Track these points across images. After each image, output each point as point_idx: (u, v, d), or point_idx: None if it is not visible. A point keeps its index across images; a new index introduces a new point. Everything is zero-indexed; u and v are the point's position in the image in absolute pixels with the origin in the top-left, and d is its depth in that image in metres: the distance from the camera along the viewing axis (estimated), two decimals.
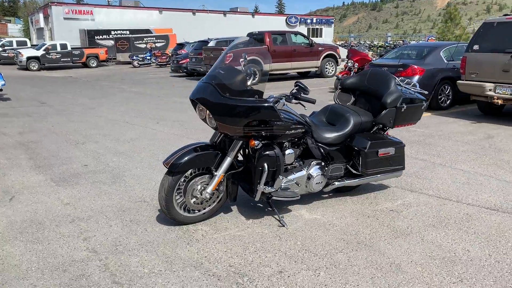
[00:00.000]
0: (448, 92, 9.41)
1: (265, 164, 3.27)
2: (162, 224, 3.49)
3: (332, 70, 17.46)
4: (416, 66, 9.12)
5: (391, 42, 60.05)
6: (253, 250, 3.06)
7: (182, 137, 6.69)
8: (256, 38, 16.41)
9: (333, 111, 4.03)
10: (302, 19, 45.75)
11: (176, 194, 3.32)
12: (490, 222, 3.54)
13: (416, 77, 9.02)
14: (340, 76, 12.40)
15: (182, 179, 3.31)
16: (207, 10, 42.06)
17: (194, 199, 3.40)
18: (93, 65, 26.31)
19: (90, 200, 4.04)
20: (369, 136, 3.86)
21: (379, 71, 4.19)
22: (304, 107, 3.51)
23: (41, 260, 2.90)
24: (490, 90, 7.72)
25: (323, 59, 17.12)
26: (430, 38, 50.06)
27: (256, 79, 3.37)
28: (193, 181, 3.35)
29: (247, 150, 3.52)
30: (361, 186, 4.30)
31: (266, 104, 3.13)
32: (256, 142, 3.28)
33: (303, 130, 3.51)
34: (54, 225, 3.48)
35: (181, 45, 23.60)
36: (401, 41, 61.07)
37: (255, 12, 51.90)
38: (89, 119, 8.43)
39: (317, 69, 17.18)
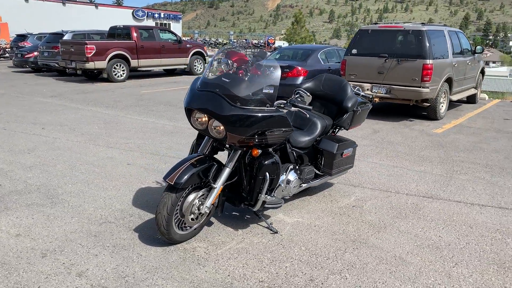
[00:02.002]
0: None
1: (267, 173, 3.23)
2: (153, 246, 3.17)
3: (201, 68, 17.51)
4: (300, 68, 9.80)
5: (234, 41, 62.57)
6: (268, 261, 3.02)
7: (88, 144, 6.05)
8: (121, 32, 15.51)
9: (299, 116, 4.15)
10: (150, 13, 44.52)
11: (176, 212, 3.05)
12: (435, 209, 4.12)
13: (301, 78, 9.72)
14: None
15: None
16: None
17: (192, 216, 3.17)
18: None
19: (44, 228, 3.42)
20: (333, 138, 4.10)
21: (333, 77, 4.45)
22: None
23: None
24: (367, 89, 8.79)
25: (191, 56, 17.04)
26: (270, 39, 53.77)
27: None
28: (190, 196, 3.12)
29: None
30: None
31: (280, 113, 3.09)
32: (259, 151, 3.21)
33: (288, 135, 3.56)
34: (25, 263, 2.86)
35: (23, 37, 20.81)
36: (243, 40, 64.18)
37: (91, 2, 48.33)
38: None
39: (186, 66, 17.03)
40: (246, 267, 2.93)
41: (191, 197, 3.12)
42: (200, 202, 3.18)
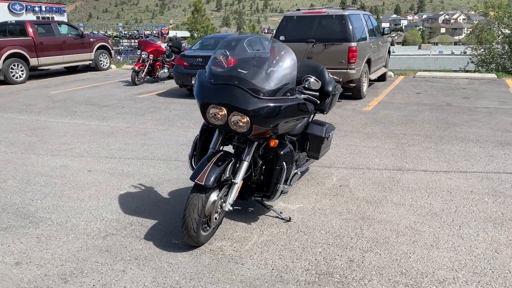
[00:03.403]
0: None
1: (284, 163, 3.21)
2: (176, 252, 3.00)
3: (107, 63, 16.50)
4: (229, 57, 9.73)
5: (126, 33, 59.66)
6: (300, 250, 3.03)
7: (28, 154, 5.44)
8: (13, 29, 13.99)
9: None
10: (29, 6, 40.26)
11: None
12: (410, 180, 4.45)
13: None
14: (136, 68, 11.99)
15: None
16: None
17: (216, 215, 3.04)
18: None
19: (43, 251, 3.02)
20: (318, 123, 4.19)
21: (309, 62, 4.52)
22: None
23: None
24: None
25: (96, 50, 15.95)
26: (163, 29, 52.14)
27: None
28: (212, 195, 2.99)
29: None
30: None
31: (301, 101, 3.07)
32: (277, 141, 3.18)
33: None
34: None
35: None
36: (135, 31, 61.48)
37: None
38: None
39: (91, 62, 15.91)
40: (283, 258, 2.91)
41: (213, 195, 2.99)
42: (222, 200, 3.06)
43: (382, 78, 11.98)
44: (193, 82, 3.32)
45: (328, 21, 9.05)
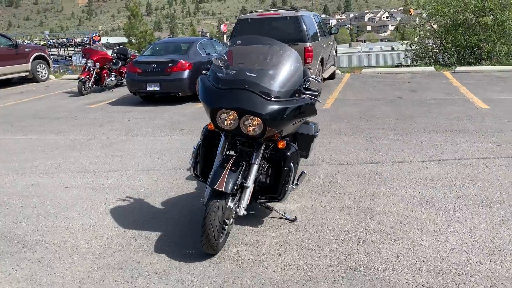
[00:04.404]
0: None
1: (291, 163, 3.23)
2: (195, 262, 2.93)
3: (45, 73, 15.62)
4: (184, 61, 9.61)
5: (54, 41, 56.80)
6: (317, 248, 3.07)
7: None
8: None
9: None
10: None
11: None
12: (392, 171, 4.64)
13: (186, 72, 9.54)
14: (83, 77, 11.48)
15: None
16: None
17: (230, 220, 3.01)
18: None
19: (52, 275, 2.82)
20: (306, 122, 4.25)
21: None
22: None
23: None
24: None
25: (32, 61, 15.05)
26: (94, 36, 50.20)
27: None
28: (230, 200, 2.95)
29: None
30: None
31: (309, 101, 3.10)
32: (285, 142, 3.19)
33: None
34: None
35: None
36: (64, 39, 58.74)
37: None
38: None
39: (27, 73, 14.98)
40: (303, 257, 2.94)
41: (230, 201, 2.96)
42: (236, 205, 3.03)
43: (331, 76, 12.38)
44: (197, 87, 3.26)
45: (283, 22, 9.21)
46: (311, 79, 3.48)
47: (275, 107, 2.88)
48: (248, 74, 3.01)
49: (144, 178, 4.80)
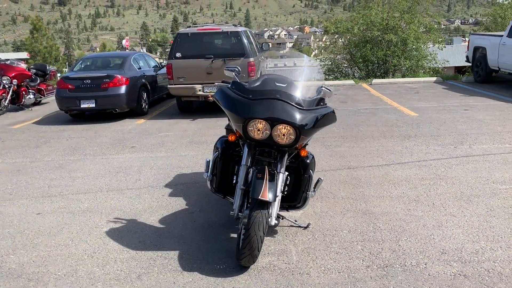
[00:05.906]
0: (145, 98, 10.07)
1: (310, 170, 3.31)
2: (229, 277, 2.86)
3: None
4: (120, 76, 9.22)
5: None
6: (344, 251, 3.17)
7: None
8: None
9: None
10: None
11: None
12: (368, 175, 4.92)
13: (124, 87, 9.18)
14: None
15: None
16: None
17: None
18: None
19: None
20: None
21: (274, 76, 4.64)
22: None
23: None
24: (200, 90, 9.09)
25: None
26: None
27: None
28: None
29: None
30: None
31: (332, 109, 3.19)
32: (307, 150, 3.25)
33: None
34: None
35: None
36: None
37: None
38: None
39: None
40: (337, 261, 3.02)
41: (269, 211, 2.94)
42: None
43: None
44: (216, 98, 3.21)
45: (224, 37, 9.29)
46: (323, 88, 3.60)
47: (307, 115, 2.96)
48: (277, 84, 3.06)
49: (122, 198, 4.53)
